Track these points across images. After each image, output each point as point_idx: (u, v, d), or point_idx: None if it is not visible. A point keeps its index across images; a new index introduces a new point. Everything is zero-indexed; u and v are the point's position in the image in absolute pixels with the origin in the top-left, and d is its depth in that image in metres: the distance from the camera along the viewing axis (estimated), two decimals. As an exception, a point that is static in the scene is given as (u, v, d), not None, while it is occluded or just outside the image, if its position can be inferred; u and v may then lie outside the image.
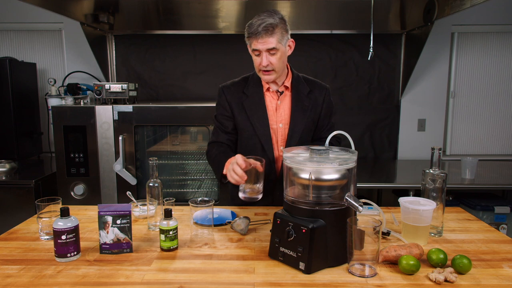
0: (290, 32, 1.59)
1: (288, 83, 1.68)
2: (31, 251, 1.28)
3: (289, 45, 1.59)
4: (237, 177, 1.38)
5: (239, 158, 1.39)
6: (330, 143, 1.57)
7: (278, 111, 1.68)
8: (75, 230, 1.21)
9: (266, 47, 1.51)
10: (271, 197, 1.71)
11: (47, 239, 1.36)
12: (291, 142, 1.66)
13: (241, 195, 1.44)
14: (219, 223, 1.49)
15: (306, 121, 1.67)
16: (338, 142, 1.74)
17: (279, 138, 1.68)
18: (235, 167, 1.38)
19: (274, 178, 1.70)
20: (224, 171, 1.52)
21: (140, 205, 1.60)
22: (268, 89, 1.68)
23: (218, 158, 1.60)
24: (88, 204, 2.31)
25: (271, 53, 1.53)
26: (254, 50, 1.55)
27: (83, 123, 2.54)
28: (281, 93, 1.68)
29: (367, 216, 1.24)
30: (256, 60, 1.58)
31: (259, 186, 1.43)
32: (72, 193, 2.60)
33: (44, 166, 3.05)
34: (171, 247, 1.27)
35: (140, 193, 2.63)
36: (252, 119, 1.66)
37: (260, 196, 1.44)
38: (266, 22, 1.49)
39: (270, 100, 1.68)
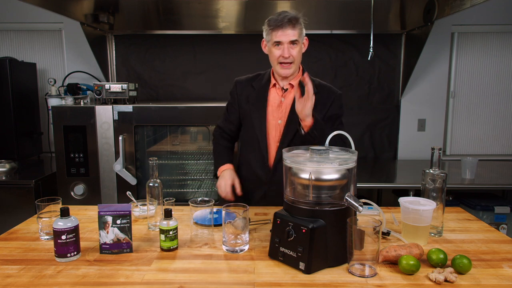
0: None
1: (294, 81, 1.69)
2: (31, 251, 1.28)
3: (303, 43, 1.66)
4: (222, 192, 1.71)
5: (236, 183, 1.70)
6: (335, 143, 1.56)
7: (280, 108, 1.70)
8: (75, 230, 1.21)
9: (289, 38, 1.57)
10: (262, 192, 1.75)
11: (47, 239, 1.36)
12: (285, 139, 1.68)
13: (224, 248, 1.29)
14: (219, 223, 1.49)
15: None
16: (343, 142, 1.73)
17: (278, 134, 1.71)
18: (225, 184, 1.70)
19: (266, 172, 1.72)
20: (218, 173, 1.77)
21: (140, 205, 1.60)
22: (274, 85, 1.72)
23: (218, 155, 1.84)
24: (88, 204, 2.30)
25: (292, 45, 1.59)
26: (276, 42, 1.59)
27: (83, 123, 2.54)
28: (286, 90, 1.70)
29: (367, 216, 1.24)
30: (275, 52, 1.61)
31: (245, 236, 1.29)
32: (72, 193, 2.60)
33: (44, 166, 3.05)
34: (171, 247, 1.27)
35: (140, 193, 2.63)
36: (252, 112, 1.72)
37: (246, 248, 1.29)
38: (291, 15, 1.57)
39: (274, 96, 1.72)
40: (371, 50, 2.26)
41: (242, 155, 1.84)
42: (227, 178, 1.71)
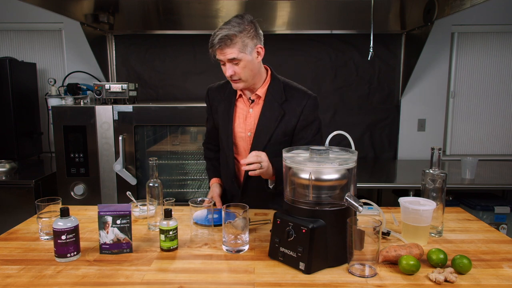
0: (261, 36, 1.53)
1: (261, 91, 1.59)
2: (31, 251, 1.28)
3: (257, 52, 1.51)
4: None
5: (216, 197, 1.68)
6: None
7: (248, 120, 1.62)
8: (75, 230, 1.21)
9: (226, 57, 1.48)
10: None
11: (47, 239, 1.36)
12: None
13: (224, 248, 1.28)
14: (219, 223, 1.49)
15: (273, 132, 1.56)
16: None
17: (248, 147, 1.63)
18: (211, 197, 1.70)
19: (236, 188, 1.69)
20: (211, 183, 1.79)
21: (140, 205, 1.60)
22: (240, 96, 1.64)
23: (208, 172, 1.87)
24: (88, 204, 2.31)
25: (234, 63, 1.49)
26: (218, 60, 1.53)
27: (83, 123, 2.54)
28: (252, 101, 1.62)
29: (367, 216, 1.24)
30: (223, 69, 1.55)
31: (245, 237, 1.28)
32: (72, 193, 2.60)
33: (44, 166, 3.05)
34: (171, 247, 1.27)
35: (140, 193, 2.63)
36: (220, 126, 1.68)
37: (246, 248, 1.28)
38: (223, 33, 1.44)
39: (242, 107, 1.64)
40: (371, 50, 2.26)
41: (220, 164, 1.81)
42: (211, 192, 1.75)
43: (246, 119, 1.63)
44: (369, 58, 2.28)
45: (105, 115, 2.54)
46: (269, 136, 1.57)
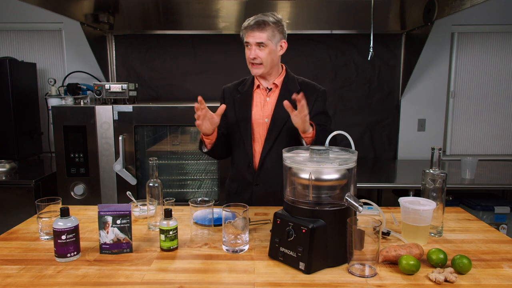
0: (286, 34, 1.71)
1: (278, 81, 1.76)
2: (31, 251, 1.28)
3: (281, 45, 1.70)
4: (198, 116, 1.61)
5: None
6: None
7: (265, 107, 1.76)
8: (75, 230, 1.21)
9: (255, 40, 1.64)
10: (249, 192, 1.77)
11: (47, 239, 1.36)
12: (270, 136, 1.72)
13: (224, 248, 1.28)
14: (219, 223, 1.49)
15: (288, 117, 1.63)
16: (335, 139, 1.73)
17: (264, 132, 1.75)
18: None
19: (252, 172, 1.76)
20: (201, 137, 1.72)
21: (140, 205, 1.60)
22: (258, 86, 1.79)
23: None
24: (88, 204, 2.31)
25: (260, 47, 1.65)
26: (246, 42, 1.67)
27: (83, 123, 2.54)
28: (270, 89, 1.76)
29: (367, 216, 1.24)
30: (247, 52, 1.69)
31: (245, 237, 1.28)
32: (72, 193, 2.60)
33: (44, 166, 3.05)
34: (171, 247, 1.27)
35: (140, 193, 2.63)
36: (238, 114, 1.77)
37: (246, 248, 1.28)
38: (260, 19, 1.64)
39: (259, 96, 1.78)
40: (371, 50, 2.26)
41: (232, 158, 1.88)
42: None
43: (263, 107, 1.76)
44: (369, 58, 2.28)
45: (105, 115, 2.54)
46: (285, 121, 1.69)
